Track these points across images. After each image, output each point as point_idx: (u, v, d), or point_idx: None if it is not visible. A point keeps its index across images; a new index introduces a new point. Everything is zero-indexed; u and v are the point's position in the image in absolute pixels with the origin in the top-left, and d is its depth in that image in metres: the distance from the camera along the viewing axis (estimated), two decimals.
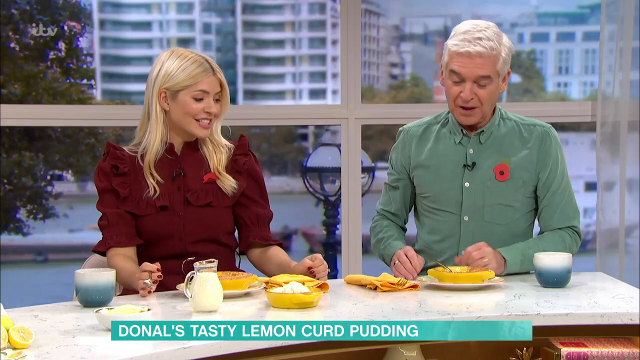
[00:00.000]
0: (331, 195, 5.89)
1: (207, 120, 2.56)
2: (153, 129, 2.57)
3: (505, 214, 2.70)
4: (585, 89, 6.56)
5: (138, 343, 1.89)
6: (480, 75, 2.63)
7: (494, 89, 2.66)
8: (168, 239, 2.56)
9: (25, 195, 6.06)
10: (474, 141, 2.72)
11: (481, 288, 2.42)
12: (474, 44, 2.62)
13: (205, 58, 2.58)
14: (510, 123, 2.75)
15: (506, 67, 2.68)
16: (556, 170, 2.72)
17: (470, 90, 2.63)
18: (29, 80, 5.61)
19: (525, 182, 2.70)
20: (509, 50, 2.68)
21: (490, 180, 2.69)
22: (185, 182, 2.58)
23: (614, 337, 2.23)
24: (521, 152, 2.71)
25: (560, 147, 2.76)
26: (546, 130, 2.74)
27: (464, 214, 2.71)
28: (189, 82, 2.53)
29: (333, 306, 2.24)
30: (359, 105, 3.91)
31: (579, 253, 2.76)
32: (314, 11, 6.69)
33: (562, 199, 2.72)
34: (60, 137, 6.03)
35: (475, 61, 2.61)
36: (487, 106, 2.68)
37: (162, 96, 2.56)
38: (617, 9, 3.76)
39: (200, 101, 2.54)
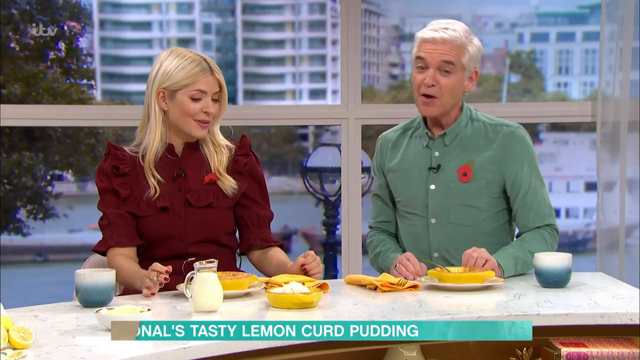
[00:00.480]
0: (331, 196, 5.89)
1: (206, 121, 2.56)
2: (152, 128, 2.57)
3: (470, 215, 2.70)
4: (585, 89, 6.56)
5: (138, 343, 1.89)
6: (444, 61, 2.64)
7: (457, 81, 2.66)
8: (169, 239, 2.56)
9: (25, 196, 6.06)
10: (439, 143, 2.72)
11: (481, 288, 2.42)
12: (439, 32, 2.66)
13: (204, 58, 2.57)
14: (478, 124, 2.74)
15: (473, 64, 2.68)
16: (522, 170, 2.70)
17: (433, 76, 2.65)
18: (29, 80, 5.61)
19: (489, 182, 2.69)
20: (477, 50, 2.69)
21: (454, 182, 2.70)
22: (186, 183, 2.58)
23: (614, 337, 2.23)
24: (485, 153, 2.70)
25: (528, 146, 2.73)
26: (512, 130, 2.72)
27: (430, 216, 2.71)
28: (187, 81, 2.53)
29: (333, 306, 2.24)
30: (359, 106, 3.91)
31: (579, 253, 2.76)
32: (314, 11, 6.69)
33: (534, 198, 2.70)
34: (61, 137, 6.03)
35: (440, 47, 2.65)
36: (448, 98, 2.67)
37: (161, 96, 2.56)
38: (617, 9, 3.76)
39: (197, 101, 2.54)
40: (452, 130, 2.72)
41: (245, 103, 6.30)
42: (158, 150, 2.57)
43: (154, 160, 2.57)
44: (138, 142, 2.62)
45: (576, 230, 7.44)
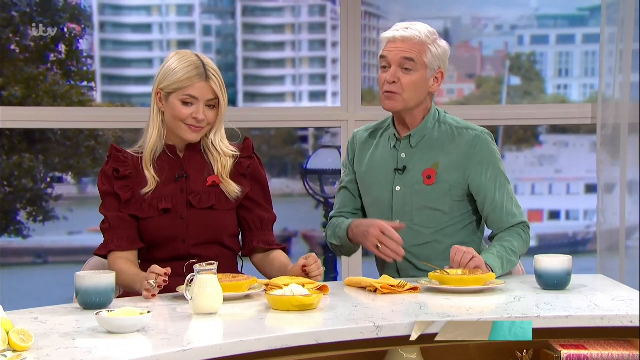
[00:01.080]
0: (331, 197, 5.89)
1: (197, 126, 2.53)
2: (151, 126, 2.57)
3: (433, 218, 2.71)
4: (585, 91, 6.56)
5: (138, 346, 1.89)
6: (404, 57, 2.66)
7: (419, 79, 2.68)
8: (171, 241, 2.55)
9: (25, 198, 6.06)
10: (405, 145, 2.74)
11: (481, 290, 2.42)
12: (400, 30, 2.69)
13: (204, 63, 2.53)
14: (445, 127, 2.75)
15: (437, 64, 2.70)
16: (487, 173, 2.70)
17: (394, 73, 2.67)
18: (29, 82, 5.61)
19: (452, 186, 2.70)
20: (443, 51, 2.71)
21: (418, 184, 2.71)
22: (188, 184, 2.57)
23: (614, 339, 2.23)
24: (450, 156, 2.71)
25: (493, 150, 2.73)
26: (477, 134, 2.73)
27: (394, 217, 2.72)
28: (179, 85, 2.51)
29: (333, 308, 2.24)
30: (359, 108, 3.91)
31: (579, 255, 2.76)
32: (314, 13, 6.69)
33: (502, 199, 2.71)
34: (60, 139, 6.03)
35: (399, 45, 2.68)
36: (410, 94, 2.68)
37: (159, 97, 2.56)
38: (617, 11, 3.76)
39: (188, 106, 2.52)
40: (417, 132, 2.73)
41: (245, 105, 6.31)
42: (156, 148, 2.56)
43: (152, 158, 2.56)
44: (142, 143, 2.61)
45: (576, 232, 7.43)
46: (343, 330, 2.05)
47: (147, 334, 1.98)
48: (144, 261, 2.56)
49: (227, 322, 2.12)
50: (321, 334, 2.02)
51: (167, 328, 2.04)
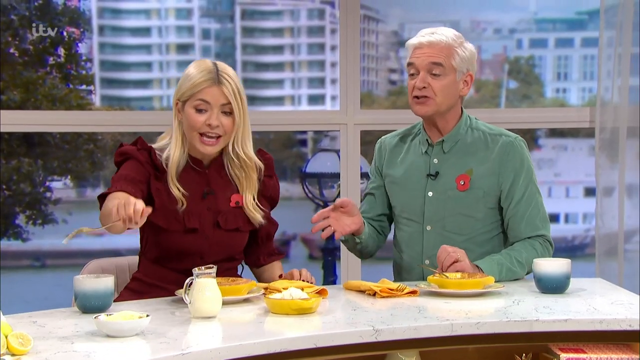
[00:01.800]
0: (330, 201, 5.89)
1: (212, 137, 2.45)
2: (173, 141, 2.50)
3: (466, 225, 2.69)
4: (584, 94, 6.57)
5: (137, 349, 1.89)
6: (432, 62, 2.65)
7: (449, 83, 2.67)
8: (189, 256, 2.50)
9: (24, 201, 6.05)
10: (438, 150, 2.72)
11: (480, 294, 2.42)
12: (426, 36, 2.68)
13: (218, 69, 2.46)
14: (477, 133, 2.73)
15: (465, 67, 2.69)
16: (519, 180, 2.68)
17: (423, 79, 2.66)
18: (28, 86, 5.61)
19: (486, 192, 2.68)
20: (470, 54, 2.70)
21: (451, 190, 2.69)
22: (215, 203, 2.50)
23: (613, 343, 2.23)
24: (484, 163, 2.69)
25: (526, 157, 2.72)
26: (511, 140, 2.71)
27: (426, 223, 2.71)
28: (192, 91, 2.45)
29: (332, 312, 2.24)
30: (357, 111, 3.91)
31: (578, 258, 2.75)
32: (313, 17, 6.70)
33: (527, 208, 2.68)
34: (59, 143, 6.03)
35: (427, 50, 2.67)
36: (442, 99, 2.67)
37: (177, 107, 2.49)
38: (616, 15, 3.76)
39: (202, 113, 2.45)
40: (450, 137, 2.72)
41: None
42: (180, 163, 2.49)
43: (177, 173, 2.48)
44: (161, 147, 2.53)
45: (575, 235, 7.44)
46: (342, 334, 2.04)
47: (146, 338, 1.98)
48: (156, 266, 2.54)
49: (226, 326, 2.12)
50: (320, 337, 2.02)
51: (166, 332, 2.04)
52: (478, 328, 2.13)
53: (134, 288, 2.57)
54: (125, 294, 2.57)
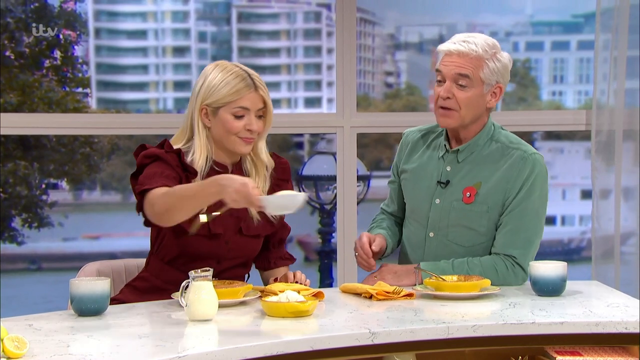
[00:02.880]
0: (327, 204, 5.89)
1: (250, 138, 2.47)
2: (197, 146, 2.48)
3: (468, 237, 2.64)
4: (580, 97, 6.58)
5: (133, 352, 1.89)
6: (458, 74, 2.59)
7: (475, 95, 2.60)
8: (207, 259, 2.50)
9: (21, 204, 6.05)
10: (452, 158, 2.67)
11: (477, 297, 2.42)
12: (457, 44, 2.61)
13: (249, 73, 2.48)
14: (496, 145, 2.66)
15: (494, 78, 2.61)
16: (521, 193, 2.60)
17: (448, 89, 2.60)
18: (25, 89, 5.61)
19: (490, 208, 2.62)
20: (502, 67, 2.61)
21: (457, 201, 2.64)
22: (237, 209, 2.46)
23: (609, 345, 2.23)
24: (494, 176, 2.63)
25: (537, 174, 2.60)
26: (523, 154, 2.62)
27: (429, 229, 2.68)
28: (230, 98, 2.44)
29: (328, 315, 2.24)
30: (354, 114, 3.91)
31: (574, 261, 2.74)
32: (309, 20, 6.70)
33: (514, 222, 2.59)
34: (55, 146, 6.03)
35: (455, 59, 2.60)
36: (466, 111, 2.61)
37: (204, 112, 2.48)
38: (612, 18, 3.77)
39: (241, 118, 2.45)
40: (467, 147, 2.66)
41: None
42: (204, 169, 2.48)
43: (201, 178, 2.47)
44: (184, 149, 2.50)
45: (571, 238, 7.45)
46: (338, 336, 2.04)
47: (142, 341, 1.97)
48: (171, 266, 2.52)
49: (222, 329, 2.12)
50: (316, 340, 2.02)
51: (162, 334, 2.03)
52: (474, 331, 2.13)
53: (139, 286, 2.55)
54: (127, 292, 2.56)
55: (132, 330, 2.09)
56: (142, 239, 6.94)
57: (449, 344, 2.13)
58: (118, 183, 6.74)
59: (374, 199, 6.95)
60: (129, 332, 2.07)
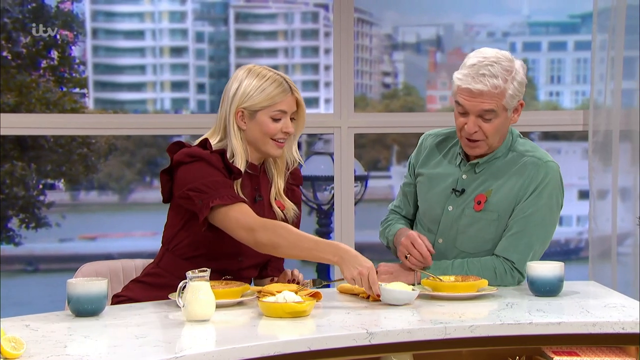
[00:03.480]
0: (324, 204, 5.89)
1: (283, 140, 2.54)
2: (237, 148, 2.52)
3: (475, 244, 2.64)
4: (577, 98, 6.59)
5: (130, 353, 1.88)
6: (484, 109, 2.57)
7: (501, 122, 2.60)
8: (229, 257, 2.52)
9: (18, 205, 6.04)
10: (470, 168, 2.67)
11: (474, 297, 2.42)
12: (476, 80, 2.56)
13: (284, 77, 2.55)
14: (512, 155, 2.66)
15: (516, 100, 2.60)
16: (530, 199, 2.60)
17: (474, 123, 2.59)
18: (22, 89, 5.60)
19: (500, 216, 2.61)
20: (519, 84, 2.60)
21: (468, 208, 2.64)
22: (262, 209, 2.54)
23: (606, 345, 2.23)
24: (506, 184, 2.63)
25: (551, 184, 2.60)
26: (536, 161, 2.62)
27: (439, 236, 2.68)
28: (269, 102, 2.51)
29: (325, 315, 2.24)
30: (351, 114, 3.91)
31: (571, 261, 2.74)
32: (307, 20, 6.71)
33: (519, 227, 2.59)
34: (53, 146, 6.02)
35: (478, 98, 2.57)
36: (494, 139, 2.62)
37: (239, 115, 2.53)
38: (609, 18, 3.78)
39: (278, 121, 2.52)
40: (486, 160, 2.66)
41: None
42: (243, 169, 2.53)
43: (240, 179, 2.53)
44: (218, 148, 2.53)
45: (569, 238, 7.46)
46: (336, 337, 2.04)
47: (139, 341, 1.97)
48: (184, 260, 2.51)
49: (219, 329, 2.11)
50: (314, 340, 2.02)
51: (159, 335, 2.03)
52: (472, 331, 2.13)
53: (150, 282, 2.55)
54: (135, 288, 2.55)
55: (130, 330, 2.09)
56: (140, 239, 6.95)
57: (447, 344, 2.13)
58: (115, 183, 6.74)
59: (372, 199, 6.94)
60: (126, 332, 2.07)
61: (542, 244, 2.63)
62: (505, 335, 2.15)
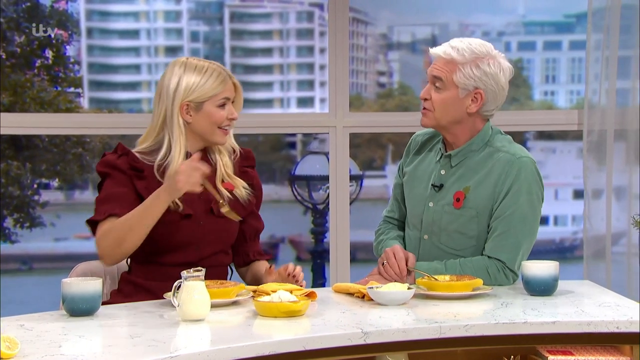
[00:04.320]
0: (319, 204, 5.90)
1: (229, 127, 2.59)
2: (176, 142, 2.55)
3: (459, 241, 2.64)
4: (572, 97, 6.60)
5: (125, 353, 1.88)
6: (433, 75, 2.64)
7: (449, 98, 2.62)
8: (186, 246, 2.54)
9: (12, 204, 6.03)
10: (446, 162, 2.68)
11: (469, 296, 2.42)
12: (443, 47, 2.65)
13: (220, 66, 2.61)
14: (489, 150, 2.66)
15: (471, 83, 2.60)
16: (509, 197, 2.59)
17: (427, 89, 2.66)
18: (16, 89, 5.59)
19: (479, 213, 2.61)
20: (482, 72, 2.60)
21: (448, 205, 2.64)
22: (206, 191, 2.53)
23: (601, 345, 2.24)
24: (483, 181, 2.63)
25: (526, 179, 2.59)
26: (513, 159, 2.60)
27: (423, 232, 2.69)
28: (213, 92, 2.55)
29: (320, 315, 2.24)
30: (346, 114, 3.91)
31: (566, 260, 2.74)
32: (302, 20, 6.71)
33: (503, 227, 2.58)
34: (48, 146, 6.01)
35: (436, 62, 2.65)
36: (440, 113, 2.63)
37: (184, 109, 2.55)
38: (603, 18, 3.78)
39: (223, 108, 2.57)
40: (459, 153, 2.66)
41: None
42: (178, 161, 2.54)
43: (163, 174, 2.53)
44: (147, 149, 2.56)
45: (564, 238, 7.47)
46: (331, 336, 2.04)
47: (134, 340, 1.97)
48: (151, 264, 2.53)
49: (214, 329, 2.11)
50: (309, 340, 2.02)
51: (154, 335, 2.03)
52: (466, 330, 2.13)
53: (125, 291, 2.57)
54: (117, 297, 2.56)
55: (124, 330, 2.08)
56: None
57: (442, 343, 2.13)
58: None
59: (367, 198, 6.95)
60: (121, 332, 2.07)
61: (529, 240, 2.63)
62: (500, 335, 2.15)
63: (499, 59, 2.64)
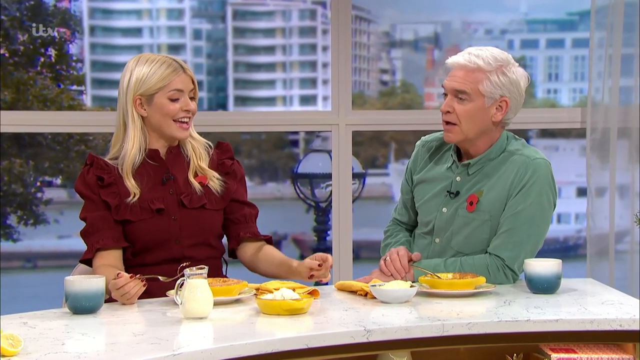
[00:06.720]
0: (322, 202, 5.89)
1: (186, 119, 2.58)
2: (130, 136, 2.56)
3: (470, 244, 2.63)
4: (575, 95, 6.59)
5: (128, 350, 1.89)
6: (456, 89, 2.58)
7: (475, 109, 2.58)
8: (165, 243, 2.55)
9: (16, 202, 6.04)
10: (463, 170, 2.66)
11: (472, 294, 2.42)
12: (460, 56, 2.60)
13: (173, 58, 2.61)
14: (505, 155, 2.63)
15: (498, 92, 2.58)
16: (518, 196, 2.58)
17: (448, 103, 2.59)
18: (19, 87, 5.60)
19: (492, 216, 2.60)
20: (507, 80, 2.58)
21: (461, 209, 2.63)
22: (177, 185, 2.58)
23: (604, 343, 2.24)
24: (497, 184, 2.61)
25: (540, 181, 2.57)
26: (527, 160, 2.59)
27: (435, 236, 2.68)
28: (162, 83, 2.55)
29: (323, 312, 2.24)
30: (349, 112, 3.91)
31: (570, 259, 2.74)
32: (305, 18, 6.70)
33: (509, 225, 2.57)
34: (51, 143, 6.02)
35: (454, 73, 2.59)
36: (467, 126, 2.59)
37: (138, 103, 2.57)
38: (606, 16, 3.78)
39: (176, 101, 2.56)
40: (478, 161, 2.64)
41: (236, 109, 6.29)
42: (136, 158, 2.56)
43: (132, 168, 2.56)
44: (115, 154, 2.60)
45: (567, 236, 7.46)
46: (333, 334, 2.04)
47: (136, 338, 1.97)
48: (135, 265, 2.55)
49: (217, 327, 2.12)
50: (311, 338, 2.02)
51: (157, 332, 2.03)
52: (469, 328, 2.13)
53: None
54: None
55: (127, 328, 2.09)
56: None
57: (444, 341, 2.13)
58: None
59: (370, 196, 6.94)
60: (123, 330, 2.07)
61: (534, 242, 2.60)
62: (502, 333, 2.15)
63: (517, 67, 2.64)
